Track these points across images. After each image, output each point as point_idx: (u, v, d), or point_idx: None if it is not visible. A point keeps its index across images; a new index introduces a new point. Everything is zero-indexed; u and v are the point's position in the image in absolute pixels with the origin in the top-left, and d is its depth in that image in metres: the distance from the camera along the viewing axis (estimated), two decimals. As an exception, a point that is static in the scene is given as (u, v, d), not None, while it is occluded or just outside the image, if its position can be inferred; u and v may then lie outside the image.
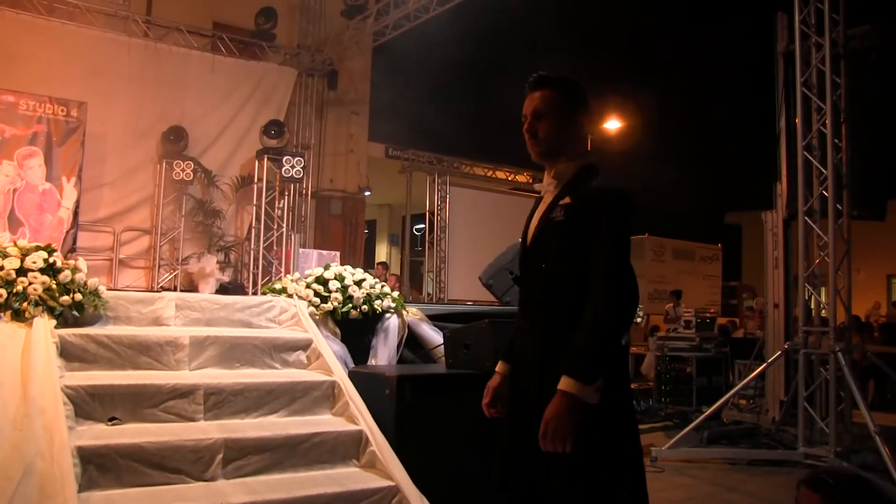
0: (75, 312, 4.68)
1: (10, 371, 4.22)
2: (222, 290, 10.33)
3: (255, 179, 11.14)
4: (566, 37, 16.90)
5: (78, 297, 4.66)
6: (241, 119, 11.58)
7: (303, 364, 5.20)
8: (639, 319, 7.13)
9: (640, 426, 8.47)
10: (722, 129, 19.35)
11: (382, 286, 5.83)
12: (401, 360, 5.63)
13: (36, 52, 10.20)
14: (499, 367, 2.87)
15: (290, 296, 5.69)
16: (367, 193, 14.48)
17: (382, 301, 5.69)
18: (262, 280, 10.91)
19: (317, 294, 5.60)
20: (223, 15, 12.55)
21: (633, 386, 9.13)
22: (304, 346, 5.24)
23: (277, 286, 5.92)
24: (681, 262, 18.07)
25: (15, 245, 4.79)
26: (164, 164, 10.74)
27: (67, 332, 4.58)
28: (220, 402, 4.53)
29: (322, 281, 5.67)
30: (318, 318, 5.50)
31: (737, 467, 6.90)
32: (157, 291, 8.33)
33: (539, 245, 2.67)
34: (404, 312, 5.83)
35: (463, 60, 14.92)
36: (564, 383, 2.32)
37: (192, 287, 10.34)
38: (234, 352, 4.97)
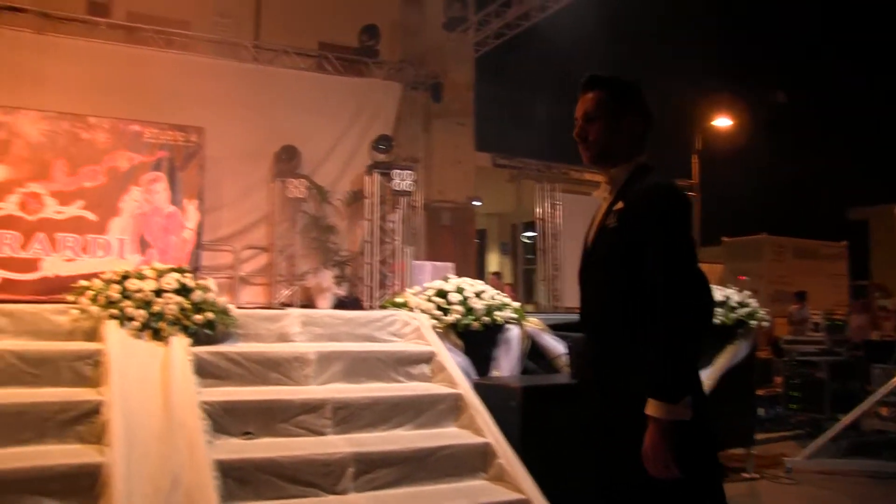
0: (208, 331, 4.84)
1: (152, 387, 4.39)
2: (339, 304, 10.51)
3: (367, 194, 11.30)
4: (672, 35, 16.60)
5: (210, 315, 4.82)
6: (350, 135, 11.79)
7: (427, 377, 5.22)
8: (766, 324, 6.80)
9: (769, 434, 8.19)
10: (843, 123, 18.59)
11: (503, 297, 5.81)
12: (524, 372, 5.60)
13: (156, 83, 10.67)
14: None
15: (412, 309, 5.73)
16: (477, 203, 14.51)
17: (503, 312, 5.66)
18: (378, 293, 11.05)
19: (438, 307, 5.62)
20: (327, 35, 12.83)
21: (759, 392, 8.81)
22: (428, 358, 5.26)
23: (399, 300, 5.98)
24: (803, 261, 17.32)
25: (151, 267, 5.00)
26: (278, 182, 11.04)
27: (202, 350, 4.74)
28: (347, 416, 4.59)
29: (442, 293, 5.68)
30: (440, 330, 5.52)
31: (880, 481, 6.48)
32: (279, 308, 8.54)
33: (595, 254, 2.56)
34: (525, 323, 5.79)
35: (566, 65, 14.81)
36: (651, 407, 2.21)
37: (309, 302, 10.57)
38: (360, 366, 5.04)
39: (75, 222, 9.61)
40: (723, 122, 17.62)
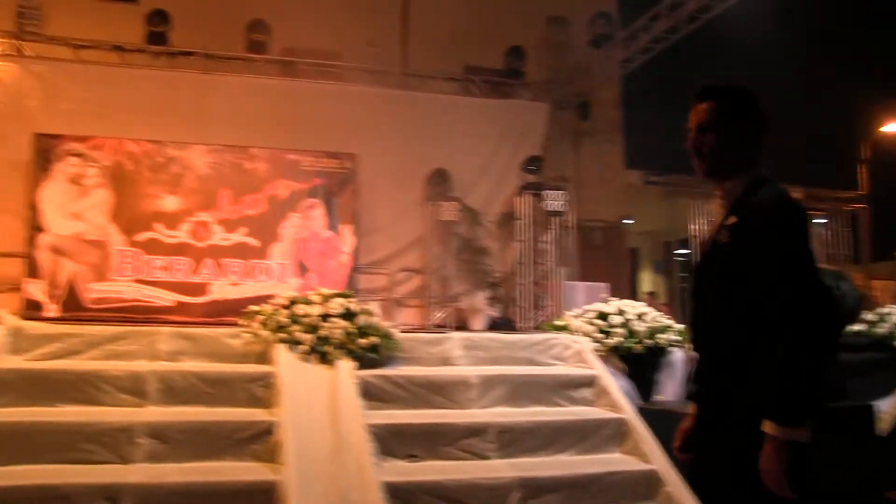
0: (372, 354, 4.93)
1: (320, 410, 4.51)
2: (492, 325, 10.51)
3: (518, 215, 11.28)
4: (827, 43, 15.76)
5: (374, 339, 4.91)
6: (499, 157, 11.82)
7: (589, 401, 5.13)
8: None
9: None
10: None
11: (666, 319, 5.63)
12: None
13: (311, 112, 11.08)
14: (689, 407, 2.60)
15: (572, 332, 5.64)
16: (628, 221, 14.24)
17: (666, 334, 5.49)
18: (531, 314, 10.97)
19: (599, 330, 5.52)
20: (473, 58, 12.93)
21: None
22: (590, 382, 5.17)
23: (559, 323, 5.91)
24: None
25: (317, 293, 5.15)
26: (430, 206, 11.19)
27: (367, 374, 4.83)
28: (511, 440, 4.56)
29: (603, 316, 5.58)
30: (601, 354, 5.41)
31: None
32: (433, 330, 8.62)
33: (706, 271, 2.43)
34: (689, 345, 5.58)
35: (716, 76, 14.32)
36: (768, 426, 2.09)
37: (463, 323, 10.62)
38: (522, 390, 5.01)
39: (240, 248, 10.07)
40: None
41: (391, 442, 4.46)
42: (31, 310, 9.02)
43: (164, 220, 9.93)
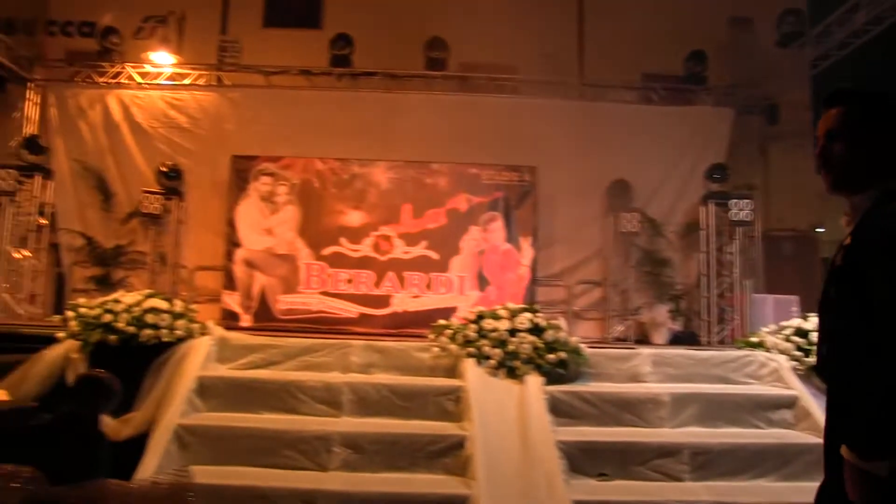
0: (560, 370, 4.89)
1: (509, 425, 4.52)
2: (674, 339, 10.21)
3: (702, 225, 10.89)
4: None
5: (562, 355, 4.88)
6: (681, 166, 11.46)
7: (789, 423, 4.86)
8: None
9: None
10: None
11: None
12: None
13: (490, 126, 11.20)
14: None
15: (768, 349, 5.37)
16: (820, 230, 13.42)
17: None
18: (716, 328, 10.57)
19: (798, 347, 5.22)
20: (651, 65, 12.63)
21: None
22: (790, 403, 4.90)
23: (753, 339, 5.64)
24: None
25: (504, 307, 5.17)
26: (610, 217, 11.02)
27: (555, 389, 4.80)
28: (706, 462, 4.39)
29: (802, 333, 5.27)
30: (800, 373, 5.11)
31: None
32: (621, 346, 8.46)
33: (825, 296, 2.16)
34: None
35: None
36: (844, 451, 1.89)
37: (644, 337, 10.37)
38: (716, 409, 4.82)
39: (420, 261, 10.31)
40: None
41: (581, 459, 4.41)
42: (228, 319, 9.61)
43: (348, 234, 10.33)
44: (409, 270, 10.30)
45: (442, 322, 5.31)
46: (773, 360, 5.23)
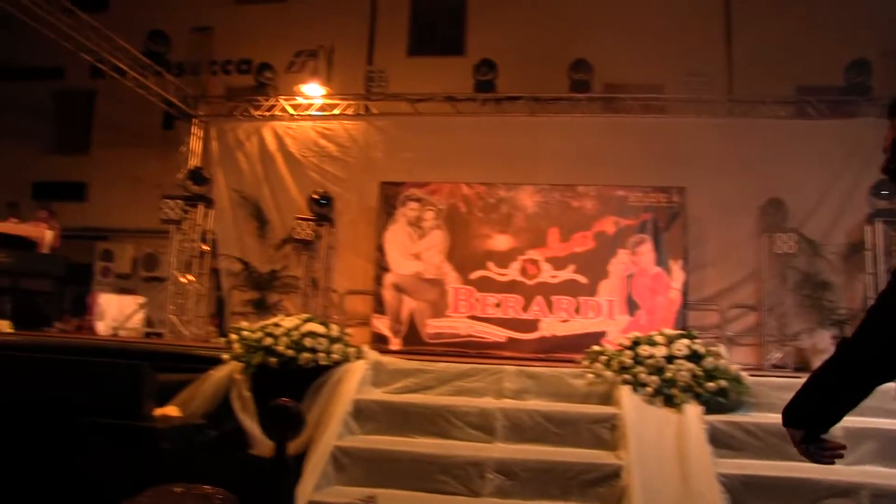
0: (720, 399, 4.70)
1: (667, 455, 4.37)
2: (839, 366, 9.62)
3: (867, 245, 10.26)
4: None
5: (722, 383, 4.69)
6: (841, 182, 10.84)
7: (981, 462, 4.46)
8: None
9: None
10: None
11: None
12: None
13: (636, 147, 11.02)
14: None
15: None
16: None
17: None
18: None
19: None
20: (806, 78, 12.12)
21: None
22: (981, 440, 4.50)
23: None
24: None
25: (660, 333, 5.03)
26: (765, 237, 10.56)
27: (715, 419, 4.61)
28: None
29: None
30: None
31: None
32: (780, 373, 8.08)
33: None
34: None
35: None
36: None
37: (804, 364, 9.83)
38: (896, 447, 4.49)
39: (568, 285, 10.20)
40: None
41: (743, 494, 4.20)
42: (378, 343, 9.79)
43: (495, 258, 10.37)
44: (557, 294, 10.22)
45: (596, 348, 5.21)
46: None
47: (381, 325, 10.46)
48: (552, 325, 10.13)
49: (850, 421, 4.64)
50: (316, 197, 11.31)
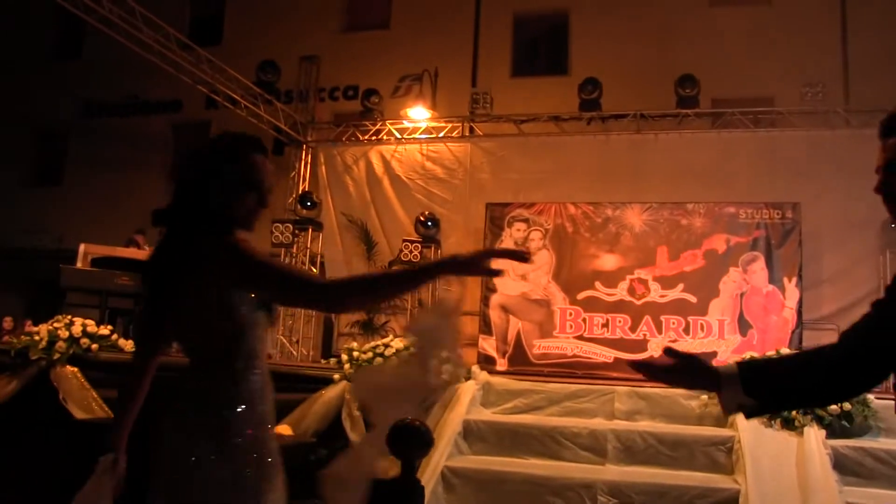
0: (845, 422, 4.54)
1: (788, 480, 4.26)
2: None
3: None
4: None
5: (847, 406, 4.52)
6: (970, 195, 10.33)
7: None
8: None
9: None
10: None
11: None
12: None
13: (746, 162, 10.79)
14: None
15: None
16: None
17: None
18: None
19: None
20: (929, 84, 11.62)
21: None
22: None
23: None
24: None
25: (776, 352, 4.91)
26: (887, 254, 10.11)
27: (840, 444, 4.47)
28: None
29: None
30: None
31: None
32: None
33: None
34: None
35: None
36: None
37: None
38: None
39: (677, 305, 9.99)
40: None
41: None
42: (484, 363, 9.80)
43: (602, 278, 10.25)
44: (665, 314, 10.01)
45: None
46: None
47: (488, 345, 10.49)
48: (661, 346, 9.92)
49: None
50: (422, 219, 11.47)
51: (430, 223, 11.49)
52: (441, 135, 12.47)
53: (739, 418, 4.73)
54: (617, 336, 10.08)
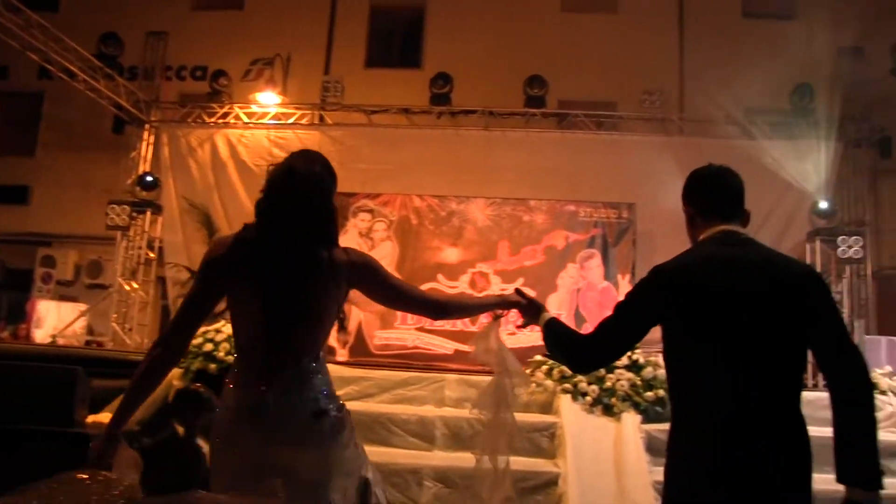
0: (658, 408, 4.77)
1: (605, 463, 4.42)
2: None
3: (807, 262, 10.50)
4: None
5: (661, 392, 4.75)
6: (785, 202, 11.06)
7: (907, 470, 4.58)
8: None
9: None
10: None
11: None
12: None
13: (588, 163, 11.17)
14: None
15: (884, 392, 5.11)
16: (937, 268, 12.79)
17: None
18: (816, 370, 10.12)
19: (916, 389, 4.95)
20: (754, 100, 12.37)
21: None
22: (909, 448, 4.62)
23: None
24: None
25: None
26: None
27: (653, 428, 4.67)
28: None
29: (921, 374, 4.99)
30: (919, 416, 4.84)
31: None
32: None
33: None
34: None
35: None
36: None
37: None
38: (822, 454, 4.57)
39: (517, 298, 10.20)
40: None
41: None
42: (326, 354, 9.68)
43: (445, 271, 10.35)
44: (506, 308, 10.21)
45: (538, 358, 5.25)
46: (890, 403, 4.97)
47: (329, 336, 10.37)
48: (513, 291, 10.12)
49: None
50: (268, 205, 11.22)
51: (275, 210, 11.25)
52: (290, 121, 12.25)
53: (563, 406, 4.87)
54: (457, 328, 10.18)
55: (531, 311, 2.98)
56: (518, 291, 3.04)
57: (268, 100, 12.52)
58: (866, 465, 2.22)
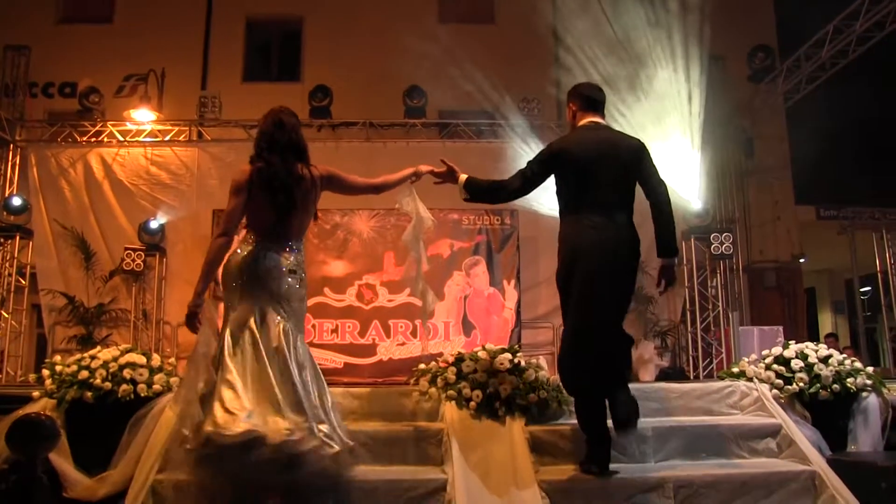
0: (543, 409, 4.87)
1: (491, 465, 4.48)
2: (663, 375, 10.19)
3: (684, 261, 10.93)
4: None
5: (543, 394, 4.85)
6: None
7: (773, 452, 4.82)
8: None
9: None
10: None
11: (853, 361, 5.24)
12: (889, 447, 4.96)
13: (471, 171, 11.18)
14: None
15: (750, 379, 5.36)
16: (802, 260, 13.51)
17: (856, 379, 5.10)
18: (703, 363, 10.56)
19: (778, 375, 5.21)
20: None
21: None
22: (774, 432, 4.87)
23: (735, 370, 5.63)
24: None
25: (483, 348, 5.17)
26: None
27: (537, 429, 4.76)
28: (690, 495, 4.34)
29: (783, 360, 5.27)
30: (782, 401, 5.10)
31: None
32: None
33: None
34: (884, 390, 5.16)
35: (892, 101, 13.57)
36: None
37: (632, 375, 10.33)
38: (699, 442, 4.78)
39: (405, 309, 10.26)
40: None
41: (563, 498, 4.34)
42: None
43: (331, 284, 10.31)
44: (394, 318, 10.26)
45: (422, 366, 5.28)
46: (756, 388, 5.22)
47: (218, 353, 10.15)
48: (389, 349, 10.17)
49: (658, 421, 4.95)
50: (146, 226, 10.91)
51: (154, 230, 10.95)
52: (167, 138, 11.94)
53: (448, 412, 4.91)
54: (347, 341, 10.18)
55: (448, 175, 5.17)
56: (443, 161, 5.14)
57: (143, 117, 12.17)
58: (671, 243, 4.47)
